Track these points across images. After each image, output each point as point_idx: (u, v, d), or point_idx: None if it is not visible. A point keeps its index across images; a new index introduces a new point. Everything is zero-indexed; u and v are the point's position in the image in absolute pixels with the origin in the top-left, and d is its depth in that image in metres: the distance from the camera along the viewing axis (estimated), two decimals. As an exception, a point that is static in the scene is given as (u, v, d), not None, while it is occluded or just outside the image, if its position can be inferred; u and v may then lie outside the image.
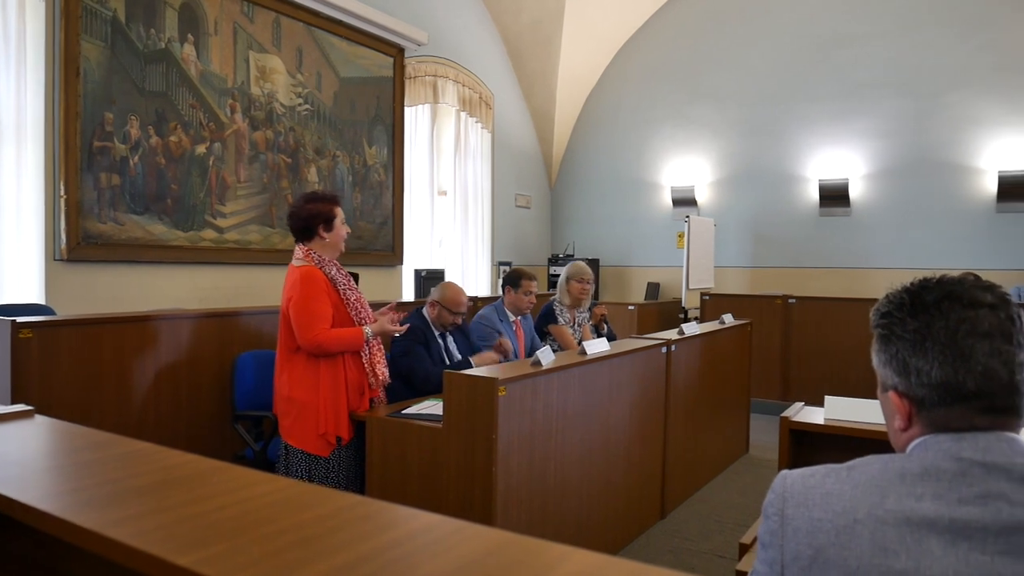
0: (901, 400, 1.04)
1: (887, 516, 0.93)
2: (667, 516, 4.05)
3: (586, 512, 3.27)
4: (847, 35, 7.78)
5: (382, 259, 6.77)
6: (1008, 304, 1.01)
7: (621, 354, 3.51)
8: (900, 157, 7.59)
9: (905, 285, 1.07)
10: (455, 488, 2.71)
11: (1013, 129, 7.08)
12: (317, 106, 6.07)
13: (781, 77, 8.18)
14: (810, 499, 1.00)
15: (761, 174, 8.32)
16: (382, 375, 3.14)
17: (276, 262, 5.45)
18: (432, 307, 3.69)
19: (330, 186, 6.16)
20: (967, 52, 7.24)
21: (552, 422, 2.97)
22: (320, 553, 0.62)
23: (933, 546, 0.90)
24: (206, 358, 3.72)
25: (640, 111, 9.12)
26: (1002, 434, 0.97)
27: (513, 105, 9.00)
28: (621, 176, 9.25)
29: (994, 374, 0.97)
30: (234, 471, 0.84)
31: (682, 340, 4.21)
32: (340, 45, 6.27)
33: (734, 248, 8.47)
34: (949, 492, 0.93)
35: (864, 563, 0.92)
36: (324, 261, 3.03)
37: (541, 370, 2.87)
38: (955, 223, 7.34)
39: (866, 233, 7.74)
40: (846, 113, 7.81)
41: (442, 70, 7.55)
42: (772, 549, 1.02)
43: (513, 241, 8.90)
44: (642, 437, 3.77)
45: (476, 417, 2.63)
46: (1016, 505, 0.90)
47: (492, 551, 0.64)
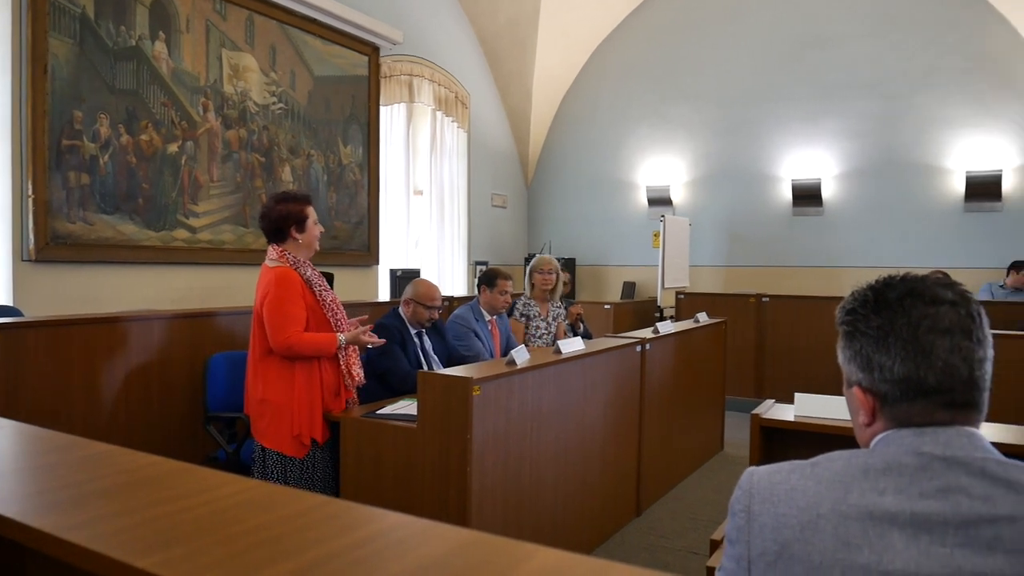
0: (865, 396, 1.05)
1: (850, 511, 0.95)
2: (642, 514, 4.07)
3: (562, 511, 3.28)
4: (819, 37, 7.88)
5: (357, 259, 6.74)
6: (968, 301, 1.03)
7: (596, 353, 3.53)
8: (871, 157, 7.70)
9: (870, 283, 1.09)
10: (430, 488, 2.70)
11: (980, 130, 7.22)
12: (291, 105, 6.03)
13: (755, 78, 8.25)
14: (775, 495, 1.01)
15: (735, 174, 8.39)
16: (357, 376, 3.12)
17: (250, 262, 5.40)
18: (407, 305, 3.68)
19: (304, 185, 6.11)
20: (935, 55, 7.36)
21: (527, 421, 2.98)
22: (284, 553, 0.62)
23: (895, 539, 0.92)
24: (178, 359, 3.68)
25: (616, 111, 9.16)
26: (962, 428, 0.99)
27: (489, 104, 9.00)
28: (597, 176, 9.29)
29: (954, 370, 0.99)
30: (199, 472, 0.84)
31: (657, 339, 4.24)
32: (314, 43, 6.23)
33: (709, 247, 8.54)
34: (911, 486, 0.95)
35: (828, 557, 0.93)
36: (299, 262, 3.01)
37: (516, 369, 2.88)
38: (924, 222, 7.47)
39: (838, 232, 7.84)
40: (818, 114, 7.91)
41: (418, 69, 7.52)
42: (739, 545, 1.03)
43: (489, 241, 8.90)
44: (617, 435, 3.79)
45: (451, 417, 2.63)
46: (975, 499, 0.92)
47: (457, 550, 0.64)
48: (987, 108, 7.19)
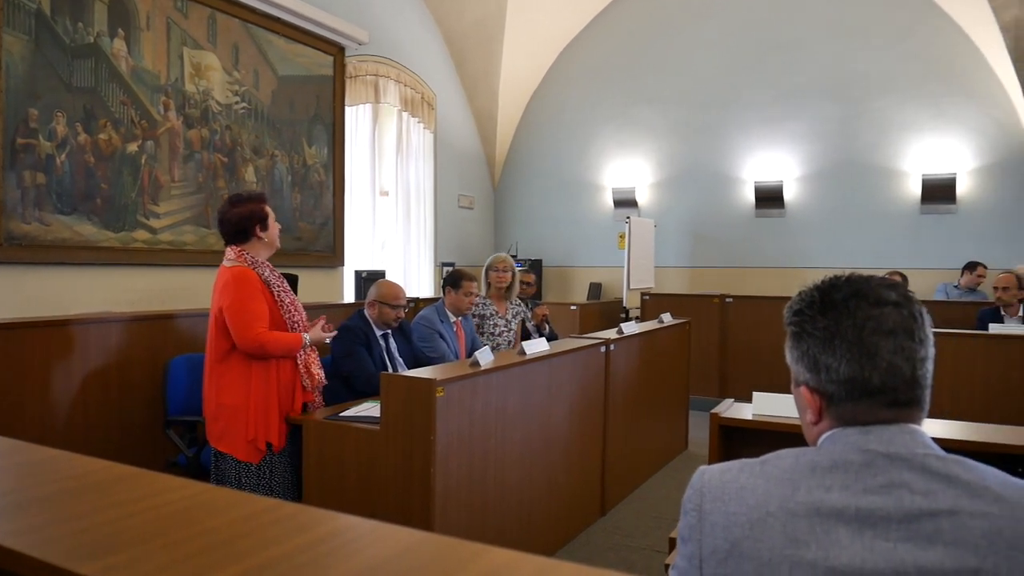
0: (812, 395, 1.07)
1: (798, 508, 0.97)
2: (607, 513, 4.10)
3: (527, 511, 3.29)
4: (781, 42, 8.01)
5: (322, 260, 6.68)
6: (911, 302, 1.06)
7: (560, 354, 3.54)
8: (831, 160, 7.84)
9: (816, 283, 1.11)
10: (393, 491, 2.70)
11: (935, 134, 7.39)
12: (255, 104, 5.96)
13: (719, 81, 8.36)
14: (726, 494, 1.03)
15: (700, 176, 8.49)
16: (318, 376, 3.10)
17: (212, 263, 5.28)
18: (372, 307, 3.67)
19: (268, 186, 6.05)
20: (892, 60, 7.52)
21: (491, 422, 2.99)
22: (229, 557, 0.62)
23: (841, 535, 0.94)
24: (137, 362, 3.63)
25: (582, 113, 9.21)
26: (905, 426, 1.01)
27: (456, 105, 8.99)
28: (564, 177, 9.33)
29: (897, 370, 1.01)
30: (148, 477, 0.83)
31: (621, 339, 4.27)
32: (278, 43, 6.17)
33: (674, 248, 8.63)
34: (856, 483, 0.97)
35: (776, 554, 0.95)
36: (258, 263, 2.98)
37: (480, 370, 2.88)
38: (883, 223, 7.63)
39: (800, 233, 7.98)
40: (780, 117, 8.04)
41: (383, 69, 7.49)
42: (691, 543, 1.04)
43: (456, 242, 8.89)
44: (582, 436, 3.81)
45: (414, 418, 2.62)
46: (917, 493, 0.94)
47: (406, 551, 0.64)
48: (942, 112, 7.37)
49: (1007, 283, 5.17)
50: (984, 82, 7.20)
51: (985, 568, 0.90)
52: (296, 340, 2.98)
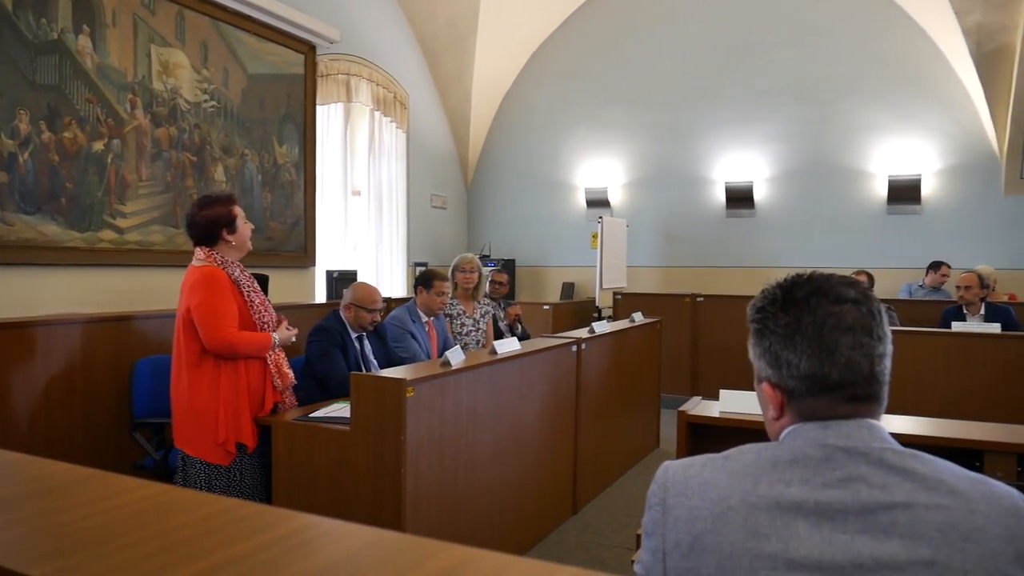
0: (774, 391, 1.09)
1: (759, 502, 0.98)
2: (579, 512, 4.12)
3: (498, 511, 3.29)
4: (749, 44, 8.10)
5: (294, 260, 6.63)
6: (870, 299, 1.08)
7: (531, 353, 3.56)
8: (800, 161, 7.95)
9: (779, 281, 1.12)
10: (364, 491, 2.68)
11: (901, 136, 7.53)
12: (224, 103, 5.90)
13: (689, 83, 8.44)
14: (689, 488, 1.04)
15: (671, 176, 8.56)
16: (288, 375, 3.07)
17: (180, 264, 5.21)
18: (348, 310, 3.64)
19: (238, 185, 5.99)
20: (859, 63, 7.65)
21: (462, 422, 2.99)
22: (187, 557, 0.62)
23: (800, 528, 0.95)
24: (103, 364, 3.57)
25: (555, 113, 9.24)
26: (863, 421, 1.03)
27: (428, 105, 8.97)
28: (536, 177, 9.36)
29: (856, 366, 1.03)
30: (108, 479, 0.82)
31: (593, 339, 4.29)
32: (248, 41, 6.11)
33: (646, 248, 8.69)
34: (815, 477, 0.98)
35: (737, 548, 0.97)
36: (227, 263, 2.95)
37: (450, 370, 2.88)
38: (850, 224, 7.75)
39: (769, 233, 8.08)
40: (750, 118, 8.13)
41: (355, 68, 7.45)
42: (655, 538, 1.05)
43: (429, 242, 8.87)
44: (553, 435, 3.82)
45: (384, 418, 2.61)
46: (874, 487, 0.96)
47: (364, 548, 0.64)
48: (907, 115, 7.51)
49: (969, 282, 5.28)
50: (948, 85, 7.35)
51: (939, 559, 0.91)
52: (266, 340, 2.95)
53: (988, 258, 7.00)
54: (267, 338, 2.96)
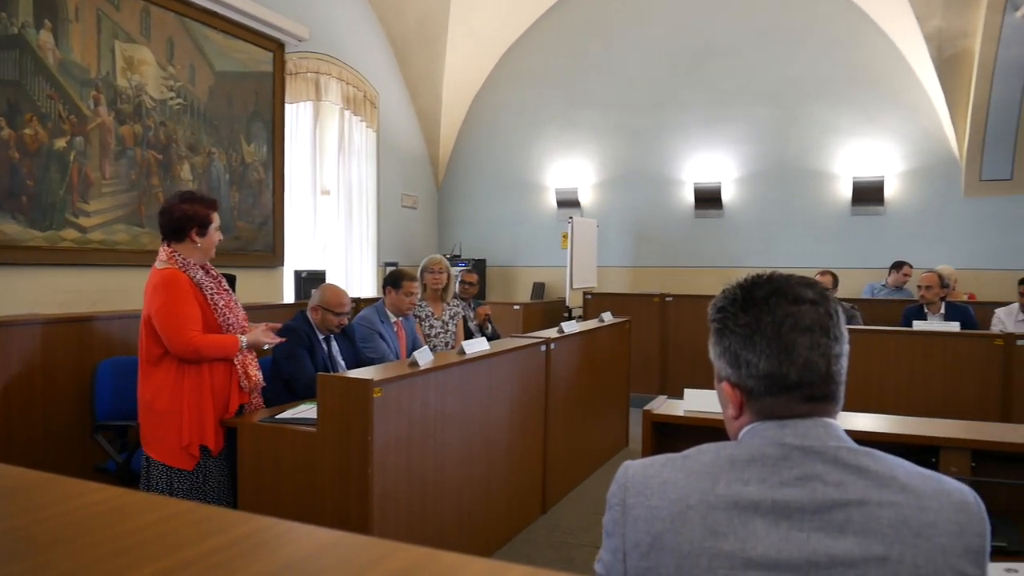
0: (733, 390, 1.10)
1: (717, 501, 0.99)
2: (548, 511, 4.13)
3: (467, 511, 3.29)
4: (717, 47, 8.19)
5: (262, 260, 6.57)
6: (827, 300, 1.09)
7: (500, 353, 3.56)
8: (766, 162, 8.06)
9: (739, 281, 1.14)
10: (331, 493, 2.67)
11: (864, 138, 7.67)
12: (191, 100, 5.82)
13: (658, 84, 8.50)
14: (649, 488, 1.05)
15: (641, 177, 8.63)
16: (255, 377, 3.04)
17: (145, 263, 5.10)
18: (315, 312, 3.61)
19: (205, 184, 5.91)
20: (823, 67, 7.78)
21: (430, 423, 2.98)
22: (138, 561, 0.61)
23: (758, 527, 0.97)
24: (64, 366, 3.51)
25: (525, 114, 9.25)
26: (819, 420, 1.05)
27: (399, 104, 8.93)
28: (507, 177, 9.37)
29: (814, 366, 1.04)
30: (60, 482, 0.81)
31: (562, 338, 4.31)
32: (215, 38, 6.03)
33: (616, 248, 8.74)
34: (772, 476, 1.00)
35: (696, 547, 0.98)
36: (188, 264, 2.90)
37: (418, 371, 2.88)
38: (816, 225, 7.87)
39: (737, 234, 8.17)
40: (718, 120, 8.22)
41: (325, 67, 7.39)
42: (615, 537, 1.06)
43: (399, 242, 8.83)
44: (523, 435, 3.83)
45: (351, 419, 2.60)
46: (829, 485, 0.98)
47: (320, 550, 0.64)
48: (870, 117, 7.64)
49: (930, 282, 5.39)
50: (910, 89, 7.49)
51: (891, 555, 0.93)
52: (232, 342, 2.92)
53: (949, 258, 7.15)
54: (233, 340, 2.92)
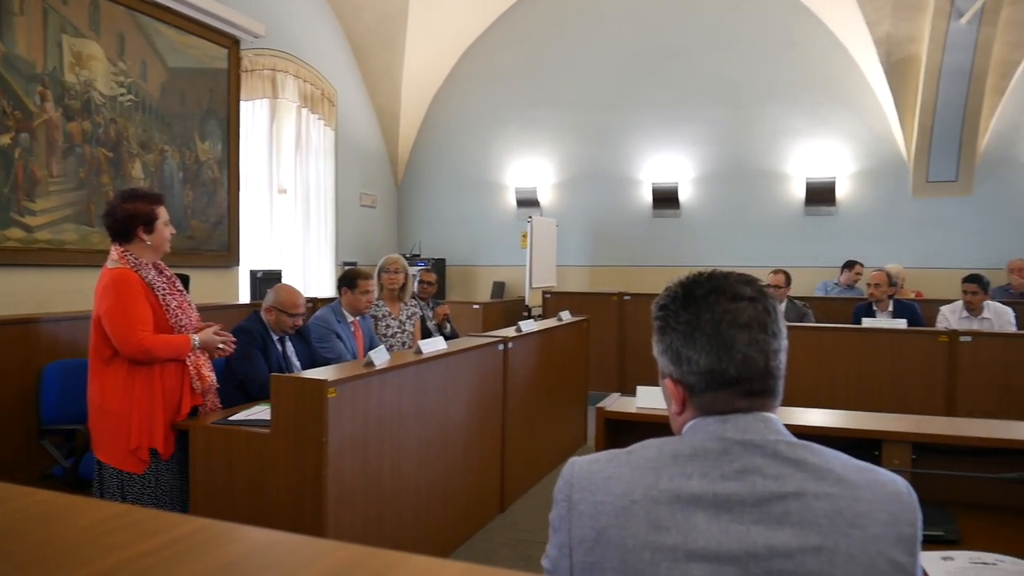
0: (676, 387, 1.12)
1: (660, 496, 1.01)
2: (507, 510, 4.14)
3: (424, 511, 3.29)
4: (674, 48, 8.30)
5: (217, 260, 6.46)
6: (765, 297, 1.11)
7: (457, 352, 3.56)
8: (722, 163, 8.19)
9: (681, 279, 1.16)
10: (285, 495, 2.64)
11: (817, 140, 7.84)
12: (142, 97, 5.70)
13: (617, 85, 8.58)
14: (594, 483, 1.06)
15: (600, 176, 8.70)
16: (208, 378, 2.99)
17: (95, 263, 4.99)
18: (269, 312, 3.56)
19: (158, 182, 5.79)
20: (778, 69, 7.93)
21: (386, 423, 2.97)
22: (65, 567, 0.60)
23: (699, 520, 0.98)
24: (8, 369, 3.42)
25: (485, 113, 9.26)
26: (759, 414, 1.07)
27: (357, 102, 8.86)
28: (467, 176, 9.36)
29: (752, 361, 1.06)
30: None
31: (519, 337, 4.32)
32: (168, 33, 5.92)
33: (575, 248, 8.80)
34: (713, 470, 1.02)
35: (639, 541, 0.99)
36: (140, 264, 2.85)
37: (374, 370, 2.86)
38: (770, 224, 8.02)
39: (694, 233, 8.29)
40: (675, 120, 8.32)
41: (281, 64, 7.31)
42: (561, 533, 1.07)
43: (358, 241, 8.77)
44: (480, 434, 3.84)
45: (305, 420, 2.58)
46: (769, 478, 1.00)
47: (255, 551, 0.64)
48: (823, 120, 7.81)
49: (878, 280, 5.53)
50: (860, 92, 7.68)
51: (827, 545, 0.96)
52: (184, 342, 2.87)
53: (898, 257, 7.35)
54: (185, 340, 2.87)
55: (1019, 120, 7.27)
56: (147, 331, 2.75)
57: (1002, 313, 5.21)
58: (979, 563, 1.61)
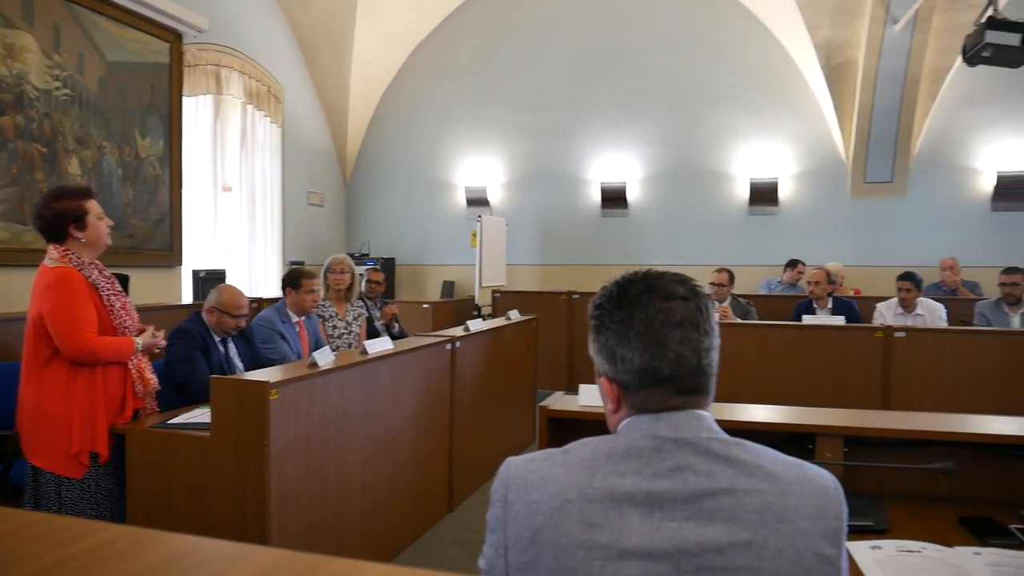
0: (611, 385, 1.13)
1: (594, 494, 1.01)
2: (455, 509, 4.14)
3: (371, 512, 3.26)
4: (622, 50, 8.39)
5: (159, 259, 6.30)
6: (698, 296, 1.13)
7: (404, 352, 3.54)
8: (669, 163, 8.31)
9: (616, 279, 1.17)
10: (226, 500, 2.59)
11: (760, 141, 8.02)
12: (79, 91, 5.52)
13: (566, 85, 8.64)
14: (529, 483, 1.07)
15: (549, 176, 8.74)
16: (151, 381, 2.93)
17: (29, 263, 4.85)
18: (210, 313, 3.49)
19: (96, 179, 5.62)
20: (723, 72, 8.08)
21: (331, 425, 2.94)
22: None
23: (632, 518, 0.99)
24: (-66, 373, 3.28)
25: (435, 111, 9.22)
26: (692, 412, 1.08)
27: (305, 99, 8.74)
28: (417, 175, 9.32)
29: (684, 359, 1.07)
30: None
31: (467, 336, 4.32)
32: (106, 25, 5.74)
33: (524, 247, 8.83)
34: (647, 467, 1.03)
35: (573, 539, 1.00)
36: (84, 263, 2.77)
37: (318, 371, 2.83)
38: (716, 224, 8.18)
39: (642, 232, 8.40)
40: (623, 121, 8.42)
41: (226, 59, 7.16)
42: (497, 533, 1.07)
43: (306, 240, 8.65)
44: (428, 434, 3.82)
45: (246, 423, 2.53)
46: (700, 475, 1.01)
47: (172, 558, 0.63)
48: (766, 121, 7.99)
49: (818, 278, 5.68)
50: (801, 95, 7.88)
51: (756, 540, 0.98)
52: (128, 344, 2.81)
53: (837, 255, 7.56)
54: (129, 343, 2.81)
55: (950, 123, 7.55)
56: (92, 332, 2.69)
57: (934, 309, 5.40)
58: (905, 551, 1.67)
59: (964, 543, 1.72)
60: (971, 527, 1.84)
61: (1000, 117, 7.47)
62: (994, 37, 4.90)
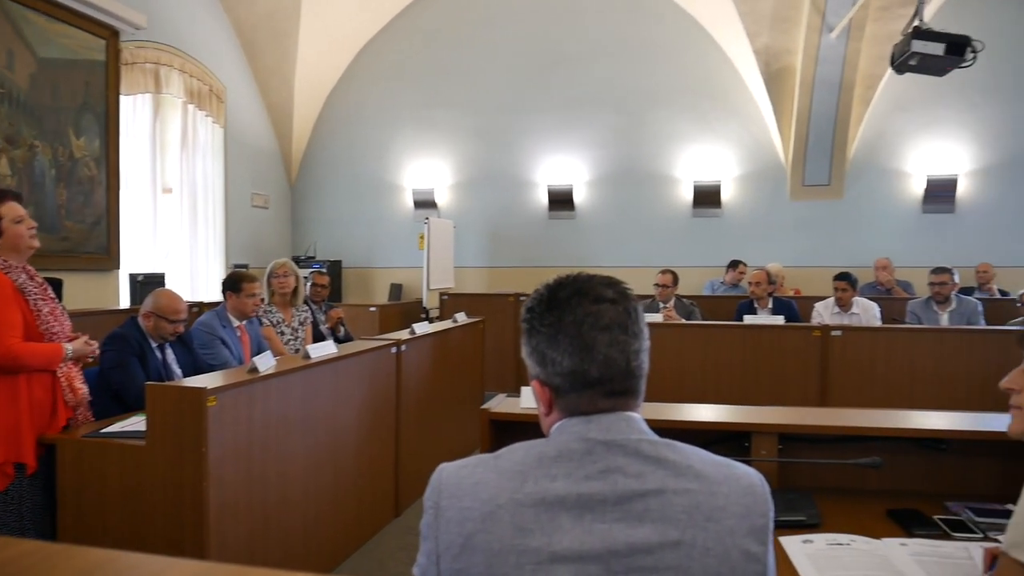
0: (542, 388, 1.13)
1: (526, 499, 1.01)
2: (402, 514, 4.11)
3: (314, 519, 3.22)
4: (568, 53, 8.47)
5: (94, 263, 6.11)
6: (627, 298, 1.14)
7: (347, 356, 3.51)
8: (615, 166, 8.42)
9: (547, 282, 1.17)
10: (163, 510, 2.53)
11: (703, 144, 8.18)
12: (8, 88, 5.32)
13: (512, 88, 8.67)
14: (461, 489, 1.06)
15: (496, 178, 8.76)
16: (81, 390, 2.84)
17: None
18: (147, 318, 3.39)
19: (27, 180, 5.42)
20: (666, 76, 8.22)
21: (272, 431, 2.89)
22: None
23: (564, 521, 1.00)
24: None
25: (382, 112, 9.15)
26: (622, 414, 1.09)
27: (248, 99, 8.58)
28: (364, 176, 9.23)
29: (613, 362, 1.08)
30: None
31: (413, 340, 4.30)
32: (37, 20, 5.55)
33: (472, 249, 8.83)
34: (578, 470, 1.03)
35: (505, 545, 0.99)
36: (11, 267, 2.68)
37: (258, 377, 2.78)
38: (661, 226, 8.31)
39: (589, 234, 8.48)
40: (569, 124, 8.49)
41: (165, 57, 6.99)
42: (430, 540, 1.06)
43: (250, 242, 8.49)
44: (373, 439, 3.79)
45: (183, 430, 2.48)
46: (630, 476, 1.02)
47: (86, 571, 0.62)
48: (709, 125, 8.15)
49: (759, 279, 5.81)
50: (742, 100, 8.06)
51: (685, 539, 0.99)
52: (56, 351, 2.72)
53: (778, 256, 7.74)
54: (57, 349, 2.72)
55: (883, 128, 7.81)
56: (16, 337, 2.60)
57: (869, 308, 5.57)
58: (835, 544, 1.73)
59: (891, 535, 1.79)
60: (898, 519, 1.90)
61: (930, 123, 7.76)
62: (920, 47, 5.09)
